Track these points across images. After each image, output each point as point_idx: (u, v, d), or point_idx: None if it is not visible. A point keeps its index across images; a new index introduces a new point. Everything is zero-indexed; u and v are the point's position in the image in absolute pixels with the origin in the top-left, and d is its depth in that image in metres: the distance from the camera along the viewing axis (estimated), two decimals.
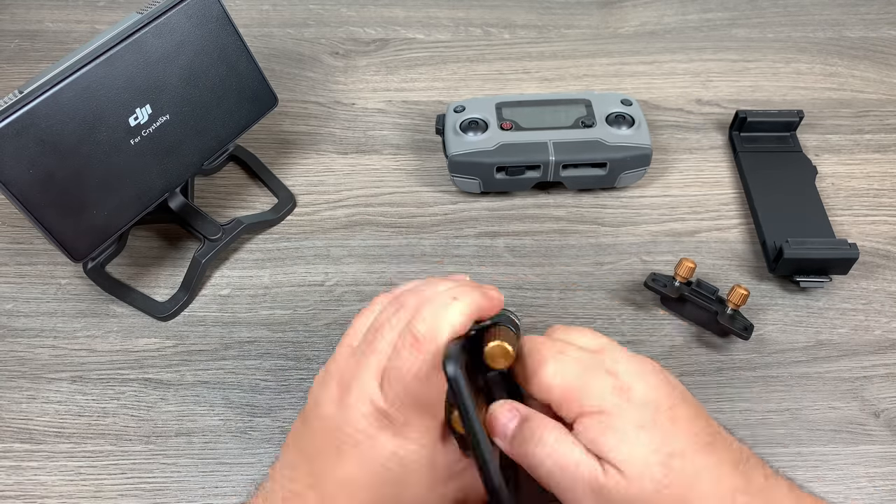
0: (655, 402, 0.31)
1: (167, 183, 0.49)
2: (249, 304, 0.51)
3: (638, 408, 0.31)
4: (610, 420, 0.30)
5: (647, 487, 0.29)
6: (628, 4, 0.72)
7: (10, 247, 0.54)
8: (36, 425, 0.45)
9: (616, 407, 0.30)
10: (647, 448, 0.30)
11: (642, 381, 0.31)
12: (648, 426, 0.30)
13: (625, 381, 0.31)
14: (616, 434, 0.30)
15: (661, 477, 0.29)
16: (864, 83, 0.64)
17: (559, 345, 0.33)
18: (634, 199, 0.57)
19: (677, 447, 0.30)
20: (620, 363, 0.32)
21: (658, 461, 0.30)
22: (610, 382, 0.31)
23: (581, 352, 0.33)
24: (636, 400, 0.31)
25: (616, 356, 0.32)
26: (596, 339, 0.34)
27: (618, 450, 0.30)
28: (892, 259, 0.53)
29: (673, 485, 0.29)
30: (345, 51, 0.68)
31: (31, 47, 0.67)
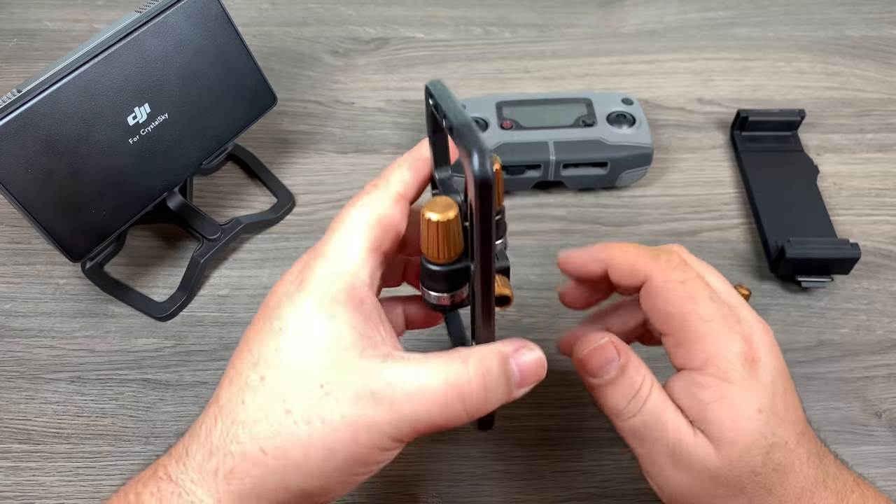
0: (776, 384, 0.30)
1: (166, 182, 0.49)
2: (248, 304, 0.51)
3: (762, 387, 0.29)
4: (731, 392, 0.29)
5: (739, 471, 0.29)
6: (629, 3, 0.71)
7: (8, 246, 0.54)
8: (34, 426, 0.45)
9: (742, 379, 0.29)
10: (755, 434, 0.29)
11: (771, 356, 0.30)
12: (766, 411, 0.29)
13: (756, 353, 0.30)
14: (731, 410, 0.29)
15: (758, 465, 0.29)
16: (865, 82, 0.64)
17: (704, 286, 0.31)
18: (635, 198, 0.56)
19: (781, 438, 0.29)
20: (754, 329, 0.30)
21: (761, 450, 0.29)
22: (742, 349, 0.29)
23: (724, 305, 0.30)
24: (762, 377, 0.29)
25: (749, 319, 0.31)
26: (727, 287, 0.32)
27: (726, 427, 0.29)
28: (893, 259, 0.53)
29: (766, 473, 0.29)
30: (344, 50, 0.67)
31: (30, 46, 0.67)
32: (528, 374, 0.28)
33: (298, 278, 0.28)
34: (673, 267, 0.31)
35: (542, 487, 0.43)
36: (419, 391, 0.26)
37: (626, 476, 0.43)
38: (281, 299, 0.28)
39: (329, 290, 0.27)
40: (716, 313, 0.30)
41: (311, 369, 0.26)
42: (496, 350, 0.27)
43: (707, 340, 0.30)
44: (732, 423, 0.29)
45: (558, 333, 0.40)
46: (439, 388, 0.26)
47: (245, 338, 0.29)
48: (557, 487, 0.43)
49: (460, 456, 0.44)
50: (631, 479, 0.43)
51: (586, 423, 0.45)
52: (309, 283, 0.28)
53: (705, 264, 0.33)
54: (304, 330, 0.27)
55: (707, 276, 0.32)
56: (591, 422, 0.45)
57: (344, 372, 0.26)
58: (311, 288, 0.27)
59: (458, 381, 0.26)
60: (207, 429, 0.27)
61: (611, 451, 0.44)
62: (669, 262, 0.31)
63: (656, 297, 0.31)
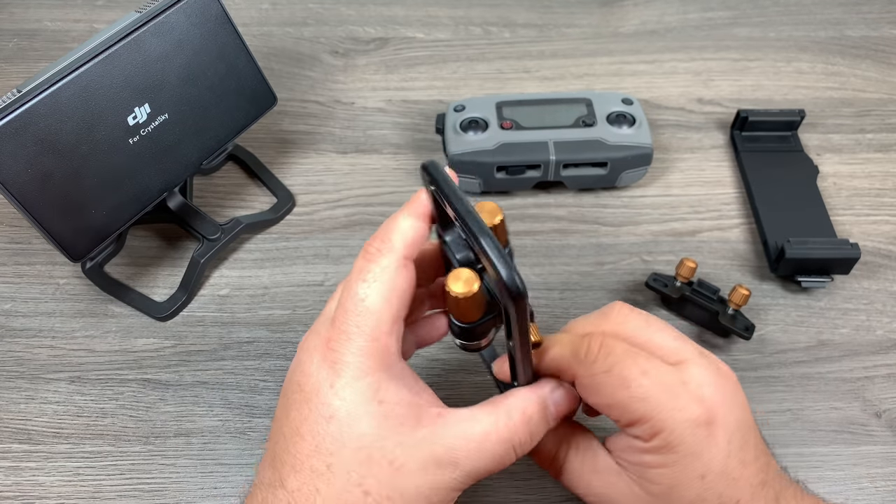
0: (732, 441, 0.29)
1: (166, 182, 0.49)
2: (248, 304, 0.51)
3: (714, 450, 0.28)
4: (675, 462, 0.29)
5: None
6: (629, 3, 0.71)
7: (8, 246, 0.54)
8: (34, 426, 0.45)
9: (691, 448, 0.28)
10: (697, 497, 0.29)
11: (729, 408, 0.29)
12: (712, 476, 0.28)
13: (711, 413, 0.29)
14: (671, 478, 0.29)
15: None
16: (865, 82, 0.64)
17: (641, 361, 0.29)
18: (635, 198, 0.56)
19: (730, 498, 0.29)
20: (705, 385, 0.29)
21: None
22: (696, 413, 0.28)
23: (664, 371, 0.29)
24: (717, 439, 0.29)
25: (700, 376, 0.29)
26: (675, 341, 0.31)
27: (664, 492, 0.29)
28: (893, 259, 0.53)
29: None
30: (344, 50, 0.67)
31: (30, 46, 0.67)
32: (561, 409, 0.31)
33: (329, 359, 0.29)
34: (593, 359, 0.30)
35: (542, 487, 0.43)
36: (478, 450, 0.28)
37: None
38: (320, 384, 0.29)
39: (366, 372, 0.28)
40: (655, 388, 0.29)
41: (375, 450, 0.28)
42: (534, 397, 0.30)
43: (652, 418, 0.29)
44: (670, 490, 0.29)
45: None
46: (494, 444, 0.29)
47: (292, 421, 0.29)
48: (557, 487, 0.43)
49: None
50: None
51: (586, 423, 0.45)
52: (343, 368, 0.28)
53: (646, 317, 0.32)
54: (356, 415, 0.28)
55: (649, 332, 0.31)
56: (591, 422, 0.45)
57: (406, 447, 0.28)
58: (348, 373, 0.28)
59: (510, 435, 0.29)
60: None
61: None
62: (590, 353, 0.30)
63: (588, 394, 0.30)
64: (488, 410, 0.29)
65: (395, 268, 0.29)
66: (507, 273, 0.26)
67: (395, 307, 0.29)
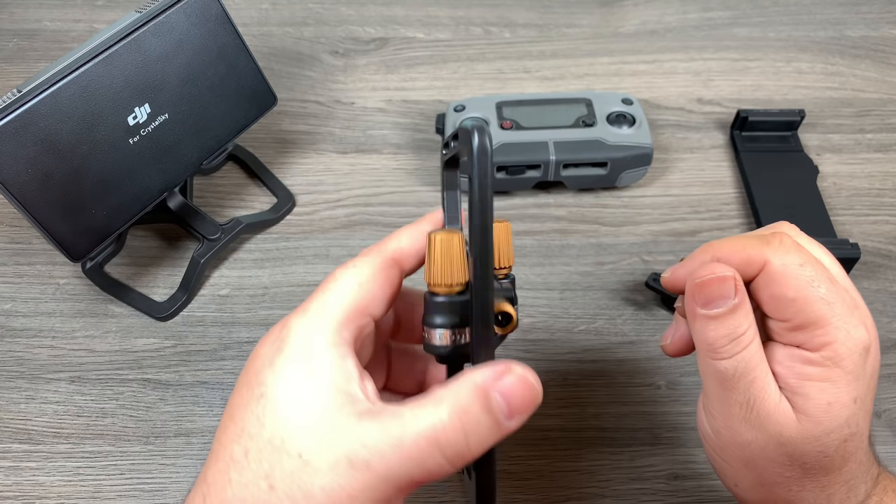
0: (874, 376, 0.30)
1: (166, 182, 0.49)
2: (248, 304, 0.51)
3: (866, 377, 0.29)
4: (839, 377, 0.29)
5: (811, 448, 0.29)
6: (629, 3, 0.71)
7: (8, 246, 0.54)
8: (34, 426, 0.45)
9: (854, 368, 0.29)
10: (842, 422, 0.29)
11: (876, 346, 0.30)
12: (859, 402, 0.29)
13: (872, 342, 0.30)
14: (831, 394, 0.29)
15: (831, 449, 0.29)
16: (865, 82, 0.64)
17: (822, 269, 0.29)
18: (635, 198, 0.57)
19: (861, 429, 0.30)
20: (868, 316, 0.30)
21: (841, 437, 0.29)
22: (863, 337, 0.29)
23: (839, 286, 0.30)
24: (868, 368, 0.29)
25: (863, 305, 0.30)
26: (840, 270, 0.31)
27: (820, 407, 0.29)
28: (893, 259, 0.53)
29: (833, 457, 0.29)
30: (344, 50, 0.67)
31: (30, 46, 0.67)
32: (516, 401, 0.24)
33: (279, 338, 0.27)
34: (787, 250, 0.29)
35: (542, 487, 0.43)
36: (393, 448, 0.23)
37: (626, 476, 0.43)
38: (263, 362, 0.27)
39: (308, 347, 0.26)
40: (838, 297, 0.29)
41: (290, 437, 0.25)
42: (471, 383, 0.24)
43: (829, 325, 0.29)
44: (827, 406, 0.29)
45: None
46: (411, 440, 0.23)
47: (229, 407, 0.27)
48: (557, 487, 0.43)
49: None
50: (631, 479, 0.43)
51: (586, 422, 0.45)
52: (288, 343, 0.26)
53: (816, 244, 0.32)
54: (284, 394, 0.25)
55: (821, 257, 0.31)
56: (591, 421, 0.45)
57: (321, 437, 0.24)
58: (290, 347, 0.26)
59: (432, 429, 0.23)
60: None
61: (611, 451, 0.44)
62: (782, 245, 0.30)
63: (774, 284, 0.29)
64: (417, 402, 0.24)
65: (378, 262, 0.28)
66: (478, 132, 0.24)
67: (364, 295, 0.27)
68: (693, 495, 0.43)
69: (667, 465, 0.44)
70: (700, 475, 0.43)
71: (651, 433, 0.45)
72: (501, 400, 0.24)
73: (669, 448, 0.44)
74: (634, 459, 0.44)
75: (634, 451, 0.44)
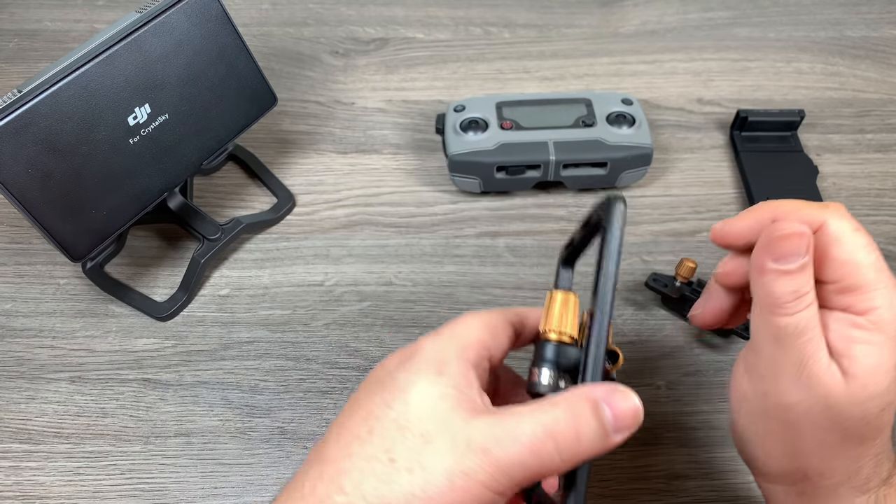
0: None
1: (166, 182, 0.49)
2: (248, 304, 0.51)
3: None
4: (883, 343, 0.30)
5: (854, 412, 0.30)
6: (629, 3, 0.71)
7: (8, 246, 0.54)
8: (35, 426, 0.45)
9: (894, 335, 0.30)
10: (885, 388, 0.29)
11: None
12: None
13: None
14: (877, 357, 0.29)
15: (872, 416, 0.30)
16: (865, 83, 0.64)
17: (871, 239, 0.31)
18: (635, 198, 0.57)
19: None
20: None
21: (881, 403, 0.30)
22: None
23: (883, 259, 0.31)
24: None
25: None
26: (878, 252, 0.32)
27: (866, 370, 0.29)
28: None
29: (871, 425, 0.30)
30: (344, 50, 0.67)
31: (30, 46, 0.67)
32: (621, 416, 0.27)
33: (409, 351, 0.30)
34: (843, 215, 0.31)
35: None
36: (511, 436, 0.26)
37: (626, 476, 0.43)
38: (393, 365, 0.30)
39: (437, 358, 0.29)
40: (884, 267, 0.30)
41: (415, 419, 0.27)
42: (585, 393, 0.27)
43: (876, 291, 0.30)
44: (873, 369, 0.29)
45: None
46: (529, 430, 0.26)
47: (352, 402, 0.30)
48: None
49: None
50: (631, 479, 0.43)
51: None
52: (419, 354, 0.29)
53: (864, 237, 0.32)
54: (414, 386, 0.28)
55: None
56: None
57: (444, 423, 0.27)
58: (421, 356, 0.29)
59: (549, 423, 0.26)
60: (312, 483, 0.27)
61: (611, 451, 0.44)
62: (839, 210, 0.31)
63: (830, 245, 0.30)
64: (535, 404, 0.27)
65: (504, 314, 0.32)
66: None
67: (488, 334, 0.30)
68: (693, 495, 0.43)
69: (667, 465, 0.44)
70: (700, 475, 0.43)
71: (651, 433, 0.45)
72: (609, 413, 0.26)
73: (669, 448, 0.44)
74: (634, 459, 0.44)
75: (634, 451, 0.44)
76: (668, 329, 0.49)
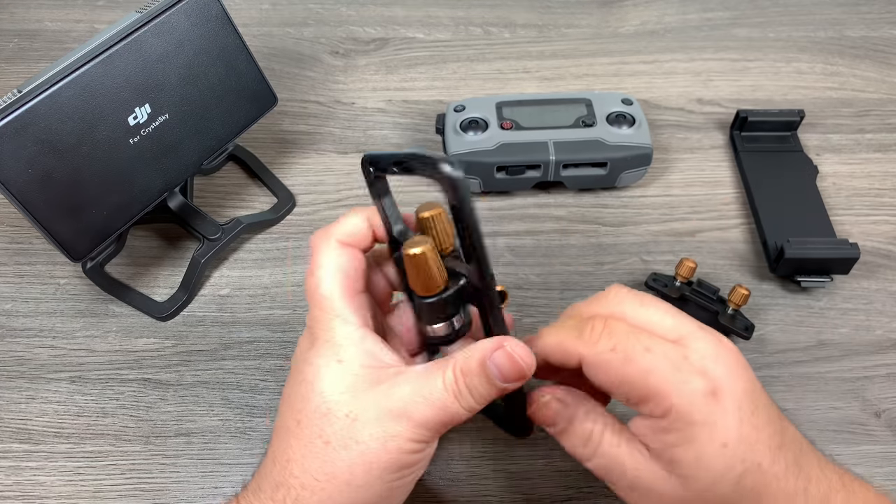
0: (742, 408, 0.29)
1: (166, 182, 0.49)
2: (249, 304, 0.51)
3: (727, 418, 0.29)
4: (696, 433, 0.29)
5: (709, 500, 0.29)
6: (629, 4, 0.72)
7: (8, 246, 0.54)
8: (35, 425, 0.45)
9: (706, 416, 0.29)
10: (722, 468, 0.29)
11: (733, 379, 0.30)
12: (732, 443, 0.29)
13: (716, 383, 0.29)
14: (696, 450, 0.29)
15: (729, 492, 0.29)
16: (865, 83, 0.64)
17: (643, 339, 0.30)
18: (635, 198, 0.57)
19: (753, 462, 0.29)
20: (707, 357, 0.30)
21: (730, 480, 0.29)
22: (701, 385, 0.29)
23: (666, 346, 0.30)
24: (726, 407, 0.29)
25: (701, 349, 0.30)
26: (673, 318, 0.32)
27: (692, 466, 0.29)
28: (893, 259, 0.53)
29: (738, 498, 0.29)
30: (344, 50, 0.68)
31: (30, 46, 0.67)
32: (505, 369, 0.31)
33: (307, 339, 0.34)
34: (597, 338, 0.31)
35: (543, 487, 0.43)
36: (425, 401, 0.31)
37: None
38: (300, 359, 0.34)
39: (330, 341, 0.32)
40: (659, 362, 0.30)
41: (333, 405, 0.31)
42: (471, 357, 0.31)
43: (660, 392, 0.29)
44: (697, 463, 0.29)
45: None
46: (440, 394, 0.31)
47: (282, 396, 0.34)
48: (558, 487, 0.43)
49: (460, 456, 0.44)
50: None
51: None
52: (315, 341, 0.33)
53: (641, 297, 0.33)
54: (319, 376, 0.32)
55: (647, 312, 0.32)
56: None
57: (363, 401, 0.31)
58: (317, 344, 0.33)
59: (450, 384, 0.31)
60: (269, 469, 0.33)
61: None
62: (593, 332, 0.31)
63: (595, 373, 0.31)
64: (438, 365, 0.32)
65: (333, 252, 0.33)
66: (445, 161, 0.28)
67: (344, 284, 0.33)
68: None
69: None
70: None
71: None
72: (494, 368, 0.31)
73: None
74: None
75: None
76: None
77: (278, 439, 0.33)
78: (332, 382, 0.31)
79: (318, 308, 0.33)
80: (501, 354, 0.31)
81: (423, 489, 0.43)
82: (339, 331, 0.32)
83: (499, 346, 0.31)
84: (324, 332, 0.33)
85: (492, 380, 0.31)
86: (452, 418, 0.31)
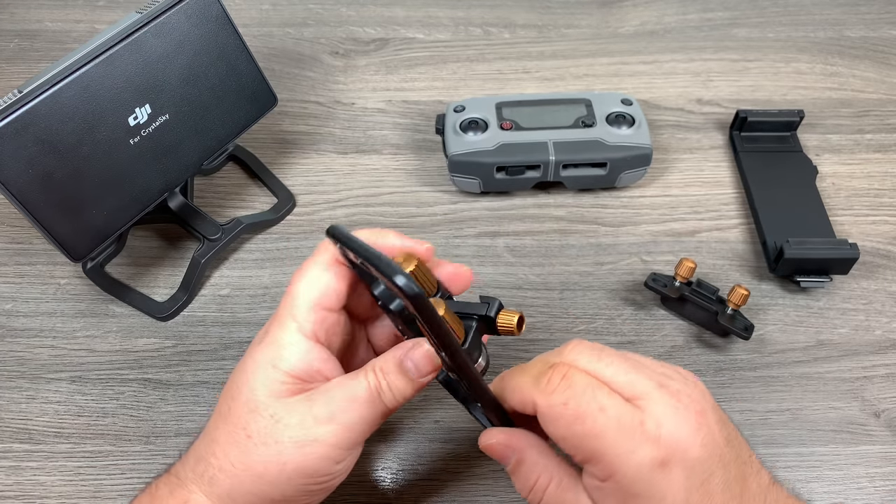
0: (691, 478, 0.28)
1: (166, 183, 0.49)
2: (249, 304, 0.51)
3: (673, 490, 0.28)
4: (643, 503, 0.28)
5: None
6: (628, 4, 0.72)
7: (9, 246, 0.54)
8: (35, 425, 0.45)
9: (649, 489, 0.28)
10: None
11: (684, 448, 0.28)
12: None
13: (666, 453, 0.28)
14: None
15: None
16: (864, 83, 0.64)
17: (600, 396, 0.29)
18: (634, 198, 0.57)
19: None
20: (662, 423, 0.28)
21: None
22: (649, 456, 0.28)
23: (623, 408, 0.29)
24: (673, 479, 0.28)
25: (657, 413, 0.28)
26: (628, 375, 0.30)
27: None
28: (892, 259, 0.53)
29: None
30: (344, 50, 0.68)
31: (31, 47, 0.67)
32: (421, 365, 0.33)
33: (262, 334, 0.35)
34: (552, 389, 0.30)
35: None
36: (352, 402, 0.32)
37: None
38: (252, 346, 0.35)
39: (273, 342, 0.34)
40: (609, 426, 0.28)
41: (261, 405, 0.33)
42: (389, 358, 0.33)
43: (605, 458, 0.28)
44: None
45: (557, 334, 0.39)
46: (363, 396, 0.33)
47: (231, 372, 0.35)
48: None
49: (459, 456, 0.44)
50: None
51: None
52: (263, 338, 0.34)
53: (599, 350, 0.31)
54: (253, 372, 0.33)
55: (602, 366, 0.30)
56: None
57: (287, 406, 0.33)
58: (264, 342, 0.34)
59: (373, 385, 0.33)
60: (198, 442, 0.35)
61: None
62: (550, 383, 0.30)
63: (546, 424, 0.30)
64: (361, 370, 0.33)
65: (319, 266, 0.34)
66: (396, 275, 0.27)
67: (314, 294, 0.34)
68: None
69: None
70: None
71: None
72: (411, 365, 0.33)
73: None
74: None
75: None
76: (668, 329, 0.49)
77: (213, 417, 0.35)
78: (264, 384, 0.33)
79: (284, 305, 0.34)
80: (421, 352, 0.33)
81: (423, 489, 0.43)
82: (289, 335, 0.33)
83: (415, 345, 0.33)
84: (277, 329, 0.34)
85: (408, 376, 0.33)
86: (375, 416, 0.33)
